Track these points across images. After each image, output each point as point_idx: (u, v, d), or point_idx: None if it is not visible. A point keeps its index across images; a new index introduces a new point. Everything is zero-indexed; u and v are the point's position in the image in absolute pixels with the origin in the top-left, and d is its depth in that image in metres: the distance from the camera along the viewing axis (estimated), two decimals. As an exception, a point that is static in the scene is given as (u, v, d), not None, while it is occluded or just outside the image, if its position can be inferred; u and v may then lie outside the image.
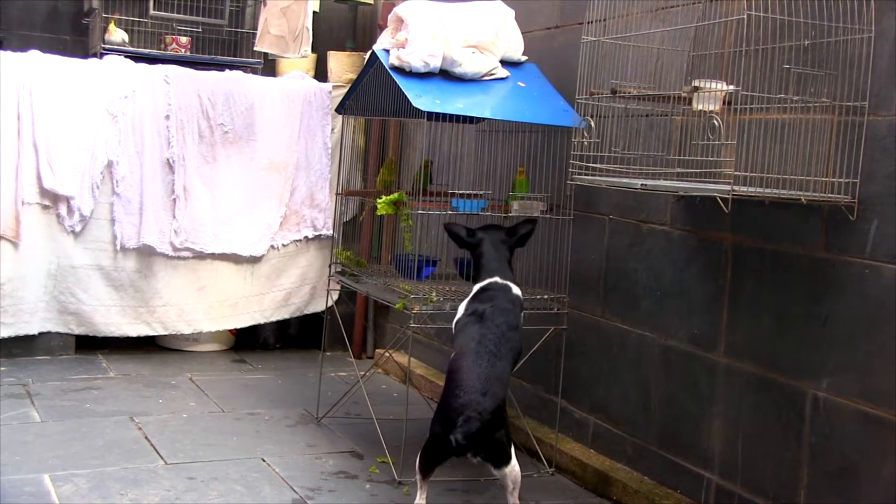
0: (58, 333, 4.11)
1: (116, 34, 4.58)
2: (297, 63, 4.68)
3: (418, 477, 2.55)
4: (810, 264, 2.48)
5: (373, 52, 3.26)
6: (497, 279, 2.74)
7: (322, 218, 4.40)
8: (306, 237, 4.40)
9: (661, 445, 2.95)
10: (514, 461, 2.54)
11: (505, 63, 3.32)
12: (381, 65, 3.17)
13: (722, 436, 2.73)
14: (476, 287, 2.76)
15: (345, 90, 3.93)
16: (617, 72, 2.68)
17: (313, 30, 4.49)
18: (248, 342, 4.63)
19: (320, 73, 4.68)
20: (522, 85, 3.27)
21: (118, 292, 4.10)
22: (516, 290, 2.74)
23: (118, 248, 4.05)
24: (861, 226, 2.36)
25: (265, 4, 4.47)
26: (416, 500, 2.55)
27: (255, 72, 4.56)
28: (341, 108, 3.61)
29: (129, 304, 4.12)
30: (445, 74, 3.19)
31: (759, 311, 2.63)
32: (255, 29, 4.72)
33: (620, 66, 2.69)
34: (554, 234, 3.19)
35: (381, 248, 4.54)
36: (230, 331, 4.55)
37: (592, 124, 2.69)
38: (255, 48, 4.50)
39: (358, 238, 4.54)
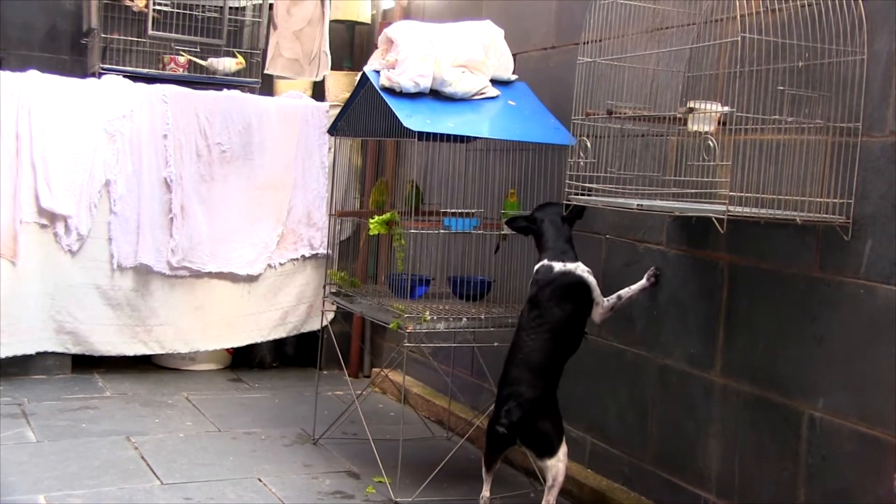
0: (54, 353, 4.08)
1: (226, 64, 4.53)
2: (295, 83, 4.67)
3: (483, 470, 2.70)
4: (806, 284, 2.47)
5: (363, 74, 3.26)
6: (544, 261, 2.78)
7: (319, 237, 4.40)
8: (303, 256, 4.40)
9: (658, 465, 2.92)
10: (559, 455, 2.60)
11: (495, 82, 3.32)
12: (372, 86, 3.18)
13: (719, 455, 2.71)
14: (535, 267, 2.84)
15: (342, 109, 3.92)
16: (613, 92, 2.67)
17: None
18: (244, 361, 4.62)
19: (318, 93, 4.69)
20: (513, 104, 3.27)
21: (115, 311, 4.07)
22: (560, 266, 2.76)
23: (115, 266, 4.03)
24: (855, 246, 2.34)
25: (276, 28, 4.46)
26: (482, 492, 2.70)
27: (252, 91, 4.54)
28: (333, 130, 3.61)
29: (127, 323, 4.09)
30: (436, 94, 3.19)
31: (756, 331, 2.61)
32: (254, 48, 4.70)
33: (616, 86, 2.68)
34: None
35: (377, 267, 4.53)
36: (227, 350, 4.54)
37: (589, 144, 2.69)
38: (266, 71, 4.49)
39: (354, 258, 4.53)
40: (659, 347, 2.94)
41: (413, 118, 3.00)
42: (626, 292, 2.86)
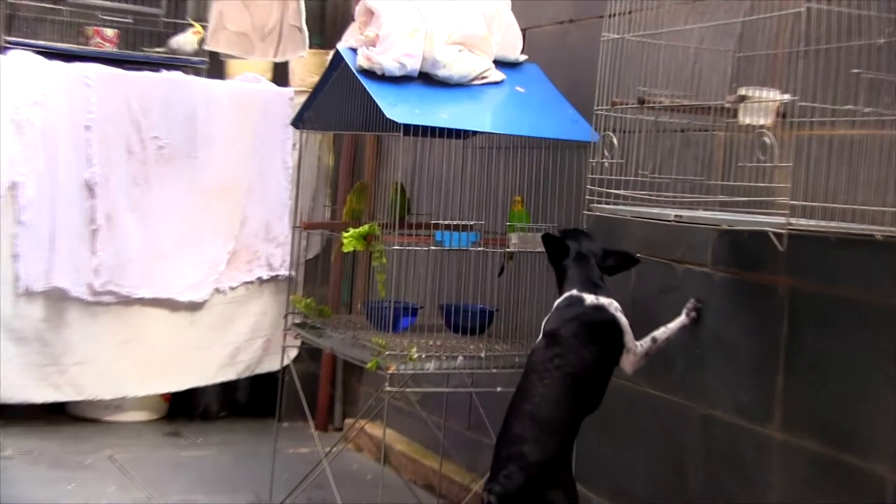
0: (-63, 401, 4.05)
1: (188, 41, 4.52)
2: (252, 64, 4.68)
3: None
4: (887, 316, 2.46)
5: (337, 52, 3.27)
6: (572, 292, 2.79)
7: (280, 254, 4.40)
8: (260, 279, 4.40)
9: (702, 543, 2.92)
10: None
11: (499, 64, 3.33)
12: (348, 67, 3.18)
13: (778, 531, 2.70)
14: (556, 303, 2.84)
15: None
16: (645, 77, 2.67)
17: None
18: (184, 410, 4.60)
19: (280, 76, 4.69)
20: (521, 90, 3.29)
21: (20, 347, 4.04)
22: (591, 298, 2.77)
23: (22, 291, 4.00)
24: (949, 269, 2.34)
25: (219, -8, 4.48)
26: None
27: (198, 73, 4.55)
28: (299, 122, 3.61)
29: (34, 361, 4.06)
30: (427, 78, 3.20)
31: (824, 375, 2.60)
32: (201, 19, 4.71)
33: (649, 69, 2.68)
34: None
35: (352, 292, 4.52)
36: (162, 396, 4.53)
37: (615, 141, 2.68)
38: (205, 47, 4.49)
39: (324, 281, 4.51)
40: (702, 394, 2.94)
41: (398, 108, 3.00)
42: (661, 333, 2.85)
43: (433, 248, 3.12)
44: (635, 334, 2.84)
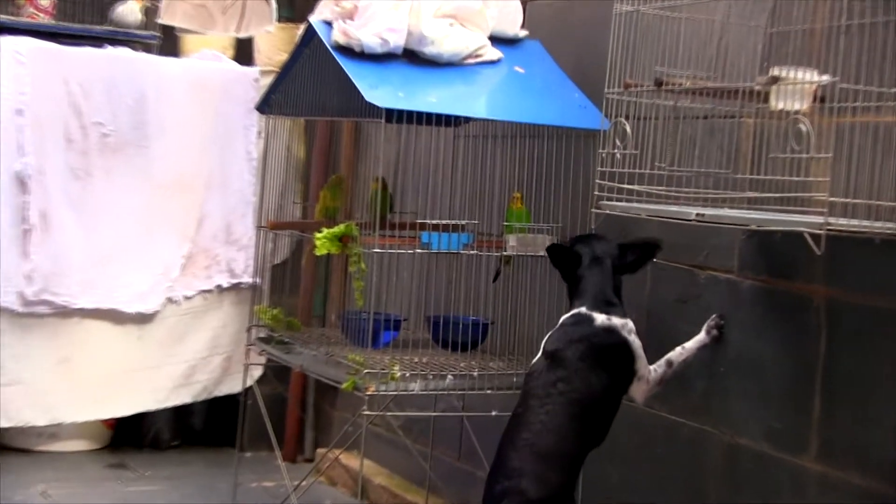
0: None
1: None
2: (211, 39, 4.67)
3: None
4: (939, 330, 2.46)
5: (309, 26, 3.27)
6: (581, 309, 2.79)
7: (243, 259, 4.39)
8: (220, 287, 4.38)
9: (727, 590, 2.92)
10: None
11: (496, 40, 3.34)
12: (321, 43, 3.18)
13: (814, 577, 2.69)
14: (562, 318, 2.85)
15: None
16: (663, 55, 2.68)
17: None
18: (131, 438, 4.57)
19: (244, 54, 4.68)
20: (521, 71, 3.30)
21: (-61, 366, 4.02)
22: (602, 319, 2.77)
23: (-59, 301, 3.98)
24: None
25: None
26: None
27: (148, 49, 4.52)
28: (265, 106, 3.62)
29: (-45, 382, 4.04)
30: (412, 57, 3.21)
31: (868, 397, 2.60)
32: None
33: (668, 47, 2.69)
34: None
35: (326, 302, 4.50)
36: (105, 422, 4.50)
37: (628, 129, 2.68)
38: (159, 20, 4.47)
39: (294, 289, 4.49)
40: (727, 420, 2.93)
41: (379, 90, 3.00)
42: (677, 355, 2.86)
43: (419, 251, 3.12)
44: (648, 352, 2.84)
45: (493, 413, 3.17)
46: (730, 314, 2.92)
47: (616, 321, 2.76)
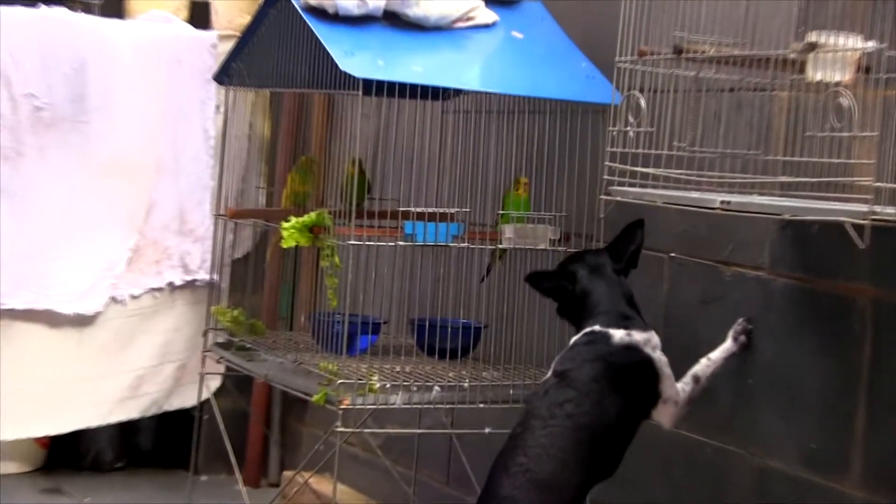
0: None
1: None
2: (161, 1, 4.65)
3: None
4: None
5: (274, -15, 3.30)
6: (595, 327, 2.80)
7: (198, 252, 4.39)
8: (171, 284, 4.39)
9: None
10: None
11: (491, 1, 3.35)
12: (289, 3, 3.19)
13: None
14: (570, 342, 2.85)
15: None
16: (683, 19, 2.67)
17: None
18: (68, 459, 4.57)
19: (199, 16, 4.67)
20: (519, 36, 3.30)
21: None
22: (622, 335, 2.77)
23: None
24: None
25: None
26: None
27: (89, 10, 4.52)
28: (224, 76, 3.61)
29: None
30: (394, 19, 3.21)
31: (918, 413, 2.61)
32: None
33: (688, 9, 2.68)
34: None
35: (294, 302, 4.51)
36: (38, 440, 4.50)
37: (643, 103, 2.68)
38: None
39: (257, 287, 4.50)
40: (756, 439, 2.94)
41: (356, 58, 3.01)
42: (704, 368, 2.86)
43: (402, 243, 3.12)
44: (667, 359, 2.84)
45: (487, 430, 3.16)
46: (759, 318, 2.92)
47: (637, 336, 2.76)
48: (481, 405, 3.13)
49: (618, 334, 2.76)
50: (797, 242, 2.86)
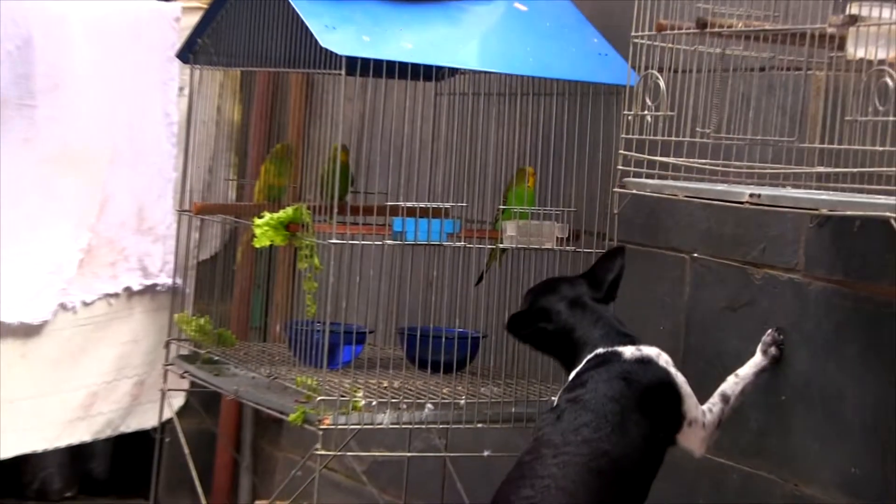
0: None
1: None
2: (117, -32, 4.68)
3: None
4: None
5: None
6: (598, 350, 2.80)
7: (159, 253, 4.41)
8: (129, 289, 4.40)
9: None
10: None
11: (490, -32, 3.38)
12: None
13: None
14: (571, 375, 2.83)
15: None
16: (706, -11, 2.70)
17: None
18: (11, 487, 4.59)
19: (160, -14, 4.68)
20: (523, 8, 3.31)
21: None
22: (632, 351, 2.77)
23: None
24: None
25: None
26: None
27: (36, -21, 4.52)
28: (188, 53, 3.63)
29: None
30: (381, -11, 3.23)
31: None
32: None
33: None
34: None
35: (267, 309, 4.54)
36: (-22, 466, 4.50)
37: (662, 84, 2.69)
38: None
39: (226, 292, 4.52)
40: (790, 463, 2.95)
41: (338, 32, 3.01)
42: (733, 385, 2.87)
43: (390, 242, 3.12)
44: (689, 372, 2.85)
45: (486, 454, 3.20)
46: (793, 326, 2.93)
47: (648, 350, 2.77)
48: (479, 425, 3.13)
49: (628, 350, 2.76)
50: (836, 241, 2.87)
